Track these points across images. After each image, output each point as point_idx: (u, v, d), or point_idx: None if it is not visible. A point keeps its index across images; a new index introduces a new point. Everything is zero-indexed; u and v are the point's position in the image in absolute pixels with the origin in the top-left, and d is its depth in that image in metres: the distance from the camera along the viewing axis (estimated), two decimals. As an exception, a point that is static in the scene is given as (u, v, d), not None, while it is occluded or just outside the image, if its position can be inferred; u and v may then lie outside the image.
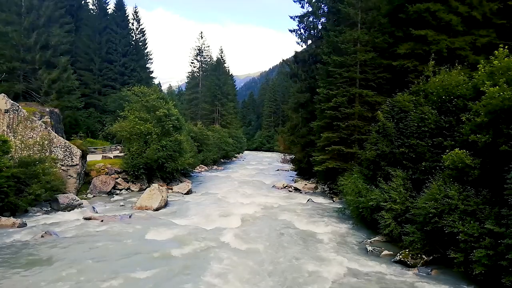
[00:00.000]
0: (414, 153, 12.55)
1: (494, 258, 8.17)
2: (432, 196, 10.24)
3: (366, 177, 15.30)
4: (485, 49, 16.39)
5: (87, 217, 15.06)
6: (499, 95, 9.14)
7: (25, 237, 12.03)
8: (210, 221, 15.25)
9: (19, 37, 28.36)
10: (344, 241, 13.01)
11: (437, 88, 12.90)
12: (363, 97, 20.98)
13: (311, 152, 24.91)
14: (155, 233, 13.07)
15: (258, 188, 26.64)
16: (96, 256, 10.41)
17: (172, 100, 32.15)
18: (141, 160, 23.36)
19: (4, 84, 27.19)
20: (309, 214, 17.39)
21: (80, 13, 46.64)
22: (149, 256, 10.60)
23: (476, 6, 17.44)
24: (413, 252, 10.59)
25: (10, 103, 18.87)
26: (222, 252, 11.15)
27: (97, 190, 21.38)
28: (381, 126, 14.60)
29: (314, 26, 30.19)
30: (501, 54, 10.40)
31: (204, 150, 41.52)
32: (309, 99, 27.72)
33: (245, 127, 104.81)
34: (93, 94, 44.68)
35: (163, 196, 18.26)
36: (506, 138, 9.06)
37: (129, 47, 48.55)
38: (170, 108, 26.20)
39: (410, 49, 18.05)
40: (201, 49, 70.11)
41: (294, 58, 32.48)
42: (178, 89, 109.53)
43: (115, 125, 25.92)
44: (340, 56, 21.38)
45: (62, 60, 31.51)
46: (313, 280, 9.26)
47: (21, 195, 14.94)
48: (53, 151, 19.41)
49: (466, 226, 9.01)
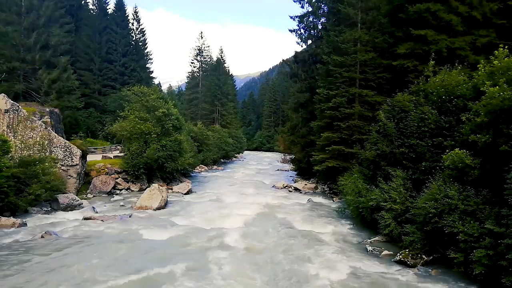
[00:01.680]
0: (414, 153, 12.55)
1: (494, 258, 8.17)
2: (432, 196, 10.24)
3: (366, 177, 15.30)
4: (485, 49, 16.39)
5: (87, 217, 15.06)
6: (499, 95, 9.14)
7: (25, 237, 12.03)
8: (210, 221, 15.25)
9: (19, 37, 28.38)
10: (344, 241, 13.01)
11: (437, 88, 12.90)
12: (363, 97, 20.99)
13: (311, 152, 24.90)
14: (155, 233, 13.06)
15: (258, 188, 26.64)
16: (96, 256, 10.40)
17: (172, 100, 32.14)
18: (141, 160, 23.36)
19: (4, 84, 27.19)
20: (309, 214, 17.39)
21: (80, 13, 46.66)
22: (149, 256, 10.59)
23: (476, 6, 17.44)
24: (413, 252, 10.59)
25: (10, 103, 18.87)
26: (222, 252, 11.15)
27: (97, 190, 21.38)
28: (381, 126, 14.60)
29: (314, 26, 30.20)
30: (501, 54, 10.39)
31: (204, 150, 41.52)
32: (309, 99, 27.72)
33: (245, 127, 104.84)
34: (93, 94, 44.70)
35: (163, 196, 18.26)
36: (506, 138, 9.06)
37: (129, 47, 48.58)
38: (170, 108, 26.21)
39: (410, 49, 18.05)
40: (201, 49, 70.17)
41: (294, 58, 32.47)
42: (178, 89, 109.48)
43: (115, 125, 25.92)
44: (340, 56, 21.38)
45: (62, 60, 31.52)
46: (313, 280, 9.26)
47: (21, 195, 14.94)
48: (53, 151, 19.41)
49: (466, 226, 9.01)
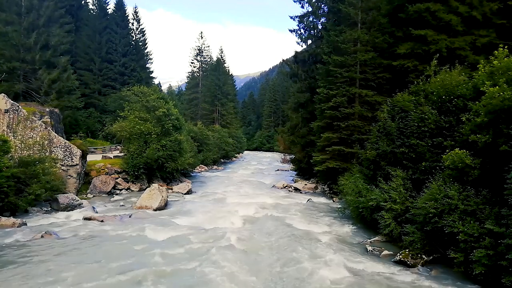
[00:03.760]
0: (414, 153, 12.54)
1: (494, 258, 8.16)
2: (432, 196, 10.23)
3: (366, 177, 15.29)
4: (485, 49, 16.38)
5: (87, 217, 15.06)
6: (499, 95, 9.13)
7: (25, 237, 12.02)
8: (210, 221, 15.24)
9: (19, 37, 28.35)
10: (344, 241, 13.00)
11: (437, 88, 12.89)
12: (363, 97, 20.98)
13: (311, 152, 24.90)
14: (155, 233, 13.05)
15: (258, 188, 26.64)
16: (96, 256, 10.40)
17: (172, 100, 32.15)
18: (141, 160, 23.36)
19: (4, 84, 27.16)
20: (309, 214, 17.38)
21: (80, 13, 46.69)
22: (149, 256, 10.58)
23: (476, 6, 17.42)
24: (413, 252, 10.58)
25: (10, 103, 18.87)
26: (222, 252, 11.12)
27: (97, 190, 21.38)
28: (381, 125, 14.60)
29: (314, 26, 30.19)
30: (501, 54, 10.38)
31: (204, 150, 41.52)
32: (309, 99, 27.71)
33: (245, 127, 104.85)
34: (93, 94, 44.69)
35: (163, 196, 18.26)
36: (506, 138, 9.05)
37: (129, 47, 48.56)
38: (170, 108, 26.20)
39: (410, 49, 18.04)
40: (201, 49, 70.16)
41: (294, 58, 32.45)
42: (178, 89, 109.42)
43: (115, 125, 25.92)
44: (340, 56, 21.37)
45: (62, 60, 31.53)
46: (313, 280, 9.25)
47: (21, 195, 14.93)
48: (53, 151, 19.41)
49: (466, 226, 9.00)
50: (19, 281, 8.57)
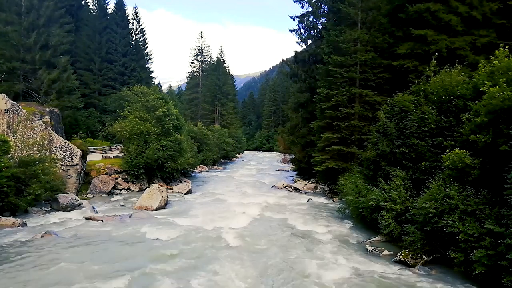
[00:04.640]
0: (414, 153, 12.54)
1: (494, 258, 8.17)
2: (432, 196, 10.24)
3: (366, 177, 15.29)
4: (485, 49, 16.39)
5: (87, 217, 15.07)
6: (499, 95, 9.13)
7: (25, 237, 12.01)
8: (210, 221, 15.23)
9: (19, 37, 28.38)
10: (344, 241, 13.00)
11: (437, 88, 12.88)
12: (363, 97, 20.99)
13: (311, 152, 24.91)
14: (155, 233, 13.05)
15: (258, 188, 26.64)
16: (96, 256, 10.41)
17: (172, 100, 32.15)
18: (141, 160, 23.35)
19: (4, 84, 27.18)
20: (309, 214, 17.39)
21: (80, 13, 46.68)
22: (149, 256, 10.59)
23: (476, 6, 17.43)
24: (413, 252, 10.58)
25: (10, 103, 18.87)
26: (222, 252, 11.15)
27: (97, 190, 21.37)
28: (381, 126, 14.60)
29: (314, 26, 30.21)
30: (501, 54, 10.39)
31: (204, 150, 41.53)
32: (309, 99, 27.73)
33: (245, 127, 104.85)
34: (93, 94, 44.70)
35: (163, 196, 18.26)
36: (506, 138, 9.05)
37: (129, 47, 48.57)
38: (170, 108, 26.20)
39: (410, 49, 18.06)
40: (201, 49, 70.19)
41: (294, 58, 32.47)
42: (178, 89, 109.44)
43: (115, 125, 25.91)
44: (340, 56, 21.38)
45: (62, 60, 31.53)
46: (313, 280, 9.26)
47: (21, 195, 14.91)
48: (53, 151, 19.40)
49: (466, 226, 9.01)
50: (19, 281, 8.57)
